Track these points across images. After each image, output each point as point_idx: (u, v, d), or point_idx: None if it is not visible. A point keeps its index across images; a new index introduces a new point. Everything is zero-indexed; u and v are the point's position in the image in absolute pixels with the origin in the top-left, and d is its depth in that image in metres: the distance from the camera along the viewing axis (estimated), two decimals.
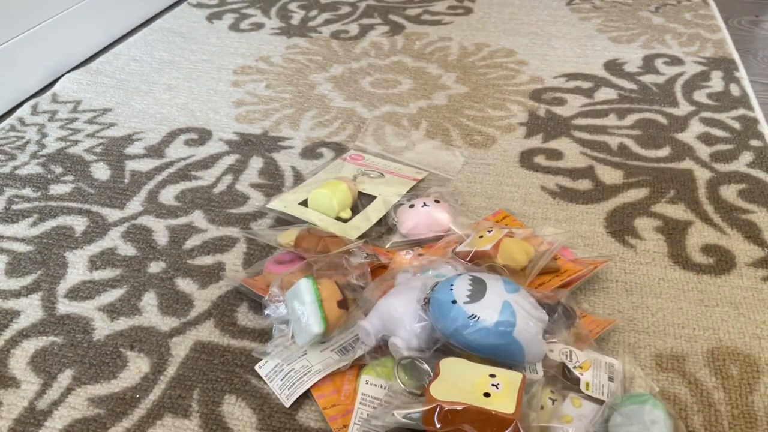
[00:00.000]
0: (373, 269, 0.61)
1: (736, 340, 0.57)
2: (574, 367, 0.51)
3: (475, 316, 0.47)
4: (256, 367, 0.54)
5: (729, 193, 0.75)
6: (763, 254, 0.66)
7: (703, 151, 0.82)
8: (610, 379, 0.51)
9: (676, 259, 0.65)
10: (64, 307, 0.62)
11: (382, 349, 0.53)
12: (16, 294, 0.63)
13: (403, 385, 0.47)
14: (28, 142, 0.88)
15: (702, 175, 0.78)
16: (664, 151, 0.83)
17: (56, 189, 0.79)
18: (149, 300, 0.62)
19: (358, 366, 0.53)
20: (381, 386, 0.50)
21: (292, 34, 1.20)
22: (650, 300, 0.61)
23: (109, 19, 1.19)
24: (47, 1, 1.05)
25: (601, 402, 0.49)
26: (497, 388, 0.45)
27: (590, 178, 0.78)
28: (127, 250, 0.69)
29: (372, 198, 0.73)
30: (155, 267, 0.66)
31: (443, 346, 0.50)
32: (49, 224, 0.73)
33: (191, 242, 0.69)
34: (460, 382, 0.45)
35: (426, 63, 1.08)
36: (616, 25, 1.19)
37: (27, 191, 0.78)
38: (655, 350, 0.56)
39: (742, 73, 1.01)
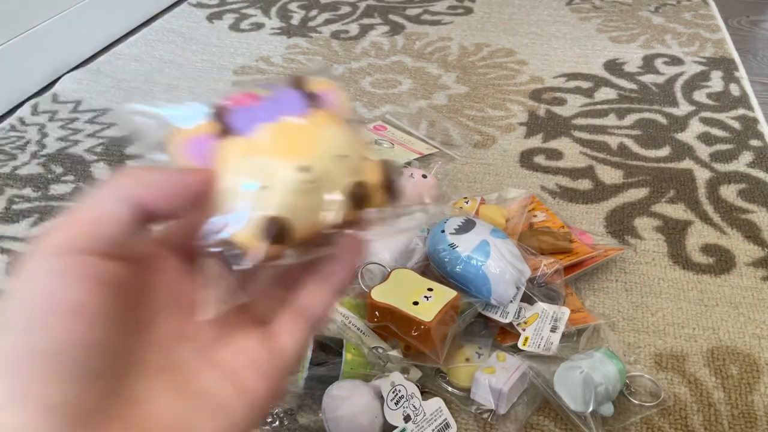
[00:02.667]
0: None
1: (736, 340, 0.57)
2: (518, 324, 0.54)
3: (454, 245, 0.55)
4: None
5: (729, 192, 0.75)
6: (762, 254, 0.66)
7: (703, 150, 0.83)
8: (553, 329, 0.54)
9: (675, 259, 0.66)
10: None
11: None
12: None
13: (361, 284, 0.55)
14: (28, 142, 0.88)
15: (702, 175, 0.78)
16: (664, 151, 0.83)
17: (57, 189, 0.79)
18: None
19: None
20: (341, 314, 0.54)
21: (292, 34, 1.20)
22: (650, 300, 0.61)
23: (110, 18, 1.19)
24: (47, 1, 1.04)
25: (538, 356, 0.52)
26: (428, 299, 0.51)
27: (590, 178, 0.78)
28: None
29: None
30: None
31: (420, 267, 0.58)
32: (50, 224, 0.73)
33: None
34: (400, 290, 0.52)
35: (426, 63, 1.08)
36: (616, 24, 1.19)
37: (27, 191, 0.78)
38: (654, 350, 0.56)
39: (741, 72, 1.01)
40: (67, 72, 1.07)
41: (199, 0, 1.34)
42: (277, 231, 0.22)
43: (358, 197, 0.23)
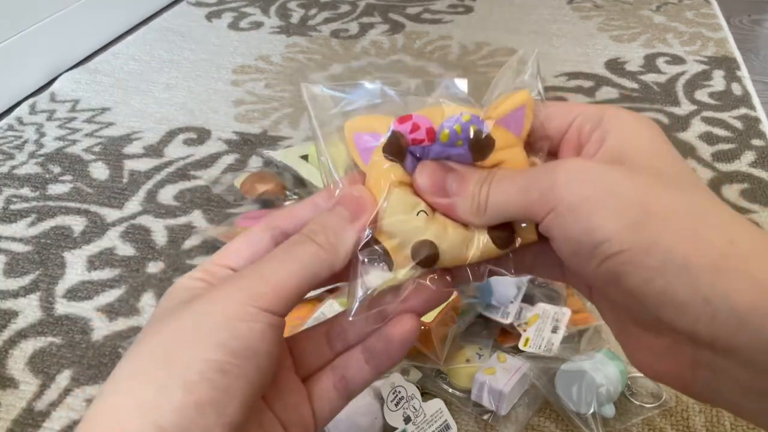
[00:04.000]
0: None
1: None
2: (518, 325, 0.53)
3: None
4: None
5: (731, 192, 0.74)
6: None
7: (705, 150, 0.82)
8: (554, 330, 0.53)
9: None
10: (62, 307, 0.61)
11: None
12: (14, 294, 0.63)
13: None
14: (26, 142, 0.88)
15: (704, 175, 0.78)
16: None
17: (54, 189, 0.78)
18: (148, 300, 0.62)
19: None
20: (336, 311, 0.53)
21: (291, 32, 1.19)
22: None
23: (108, 17, 1.18)
24: (45, 0, 1.04)
25: (539, 357, 0.51)
26: None
27: None
28: (126, 250, 0.68)
29: None
30: (154, 267, 0.66)
31: None
32: (48, 224, 0.72)
33: (190, 242, 0.69)
34: None
35: (426, 62, 1.07)
36: (617, 23, 1.18)
37: (25, 191, 0.78)
38: None
39: (743, 72, 1.01)
40: (65, 71, 1.06)
41: None
42: (427, 255, 0.25)
43: (502, 236, 0.25)
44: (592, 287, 0.26)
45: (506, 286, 0.52)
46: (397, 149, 0.26)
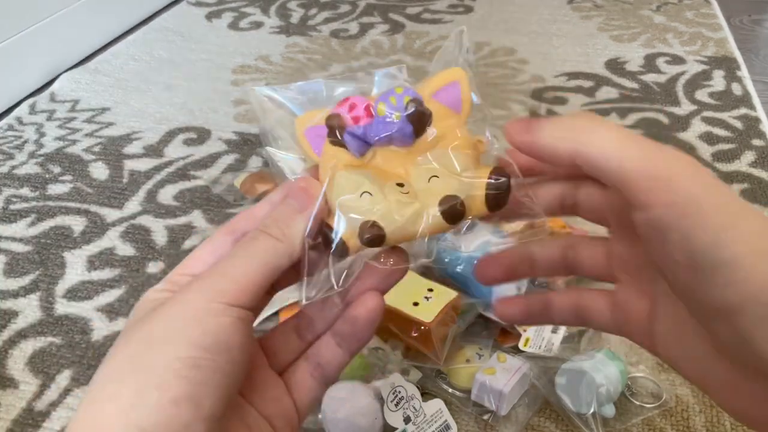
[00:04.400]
0: None
1: None
2: (518, 325, 0.53)
3: (455, 245, 0.54)
4: None
5: None
6: None
7: (705, 150, 0.82)
8: (554, 330, 0.53)
9: None
10: (62, 307, 0.61)
11: None
12: (14, 294, 0.63)
13: None
14: (26, 142, 0.88)
15: None
16: None
17: (54, 189, 0.78)
18: None
19: None
20: None
21: (291, 32, 1.19)
22: None
23: (108, 17, 1.18)
24: (45, 0, 1.04)
25: (538, 357, 0.51)
26: (428, 300, 0.51)
27: None
28: (126, 250, 0.68)
29: None
30: (154, 267, 0.66)
31: (420, 268, 0.56)
32: (48, 224, 0.72)
33: (190, 242, 0.69)
34: (400, 290, 0.54)
35: (426, 62, 1.07)
36: (618, 23, 1.18)
37: (25, 191, 0.78)
38: None
39: (743, 72, 1.01)
40: (65, 71, 1.06)
41: None
42: (373, 235, 0.25)
43: (452, 211, 0.26)
44: (654, 339, 0.25)
45: (506, 285, 0.52)
46: (336, 129, 0.26)
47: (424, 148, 0.27)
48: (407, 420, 0.47)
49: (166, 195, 0.77)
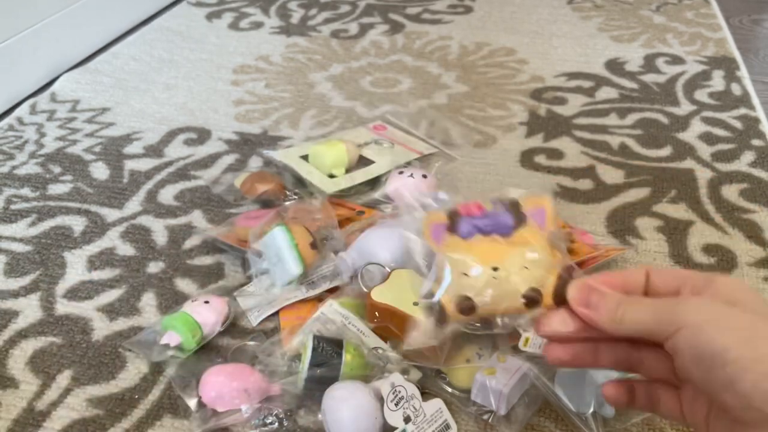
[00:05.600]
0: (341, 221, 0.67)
1: None
2: (518, 325, 0.53)
3: None
4: (235, 294, 0.61)
5: (730, 192, 0.75)
6: (764, 254, 0.66)
7: (705, 150, 0.82)
8: None
9: (677, 259, 0.65)
10: (62, 307, 0.61)
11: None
12: (15, 294, 0.63)
13: (361, 285, 0.55)
14: (26, 142, 0.88)
15: (703, 175, 0.78)
16: (666, 151, 0.82)
17: (55, 189, 0.78)
18: (148, 300, 0.62)
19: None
20: (341, 314, 0.55)
21: (291, 33, 1.19)
22: None
23: (108, 18, 1.18)
24: (46, 0, 1.04)
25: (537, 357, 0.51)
26: None
27: (591, 178, 0.78)
28: (126, 250, 0.68)
29: (371, 164, 0.78)
30: (154, 267, 0.66)
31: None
32: (48, 224, 0.72)
33: (190, 242, 0.69)
34: (400, 290, 0.53)
35: (426, 62, 1.07)
36: (617, 24, 1.19)
37: (25, 191, 0.78)
38: None
39: (743, 72, 1.01)
40: (66, 71, 1.07)
41: None
42: (465, 306, 0.36)
43: (532, 300, 0.36)
44: (710, 409, 0.33)
45: None
46: (453, 218, 0.38)
47: (518, 241, 0.36)
48: (407, 420, 0.47)
49: (167, 195, 0.77)
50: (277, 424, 0.49)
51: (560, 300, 0.35)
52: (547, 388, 0.49)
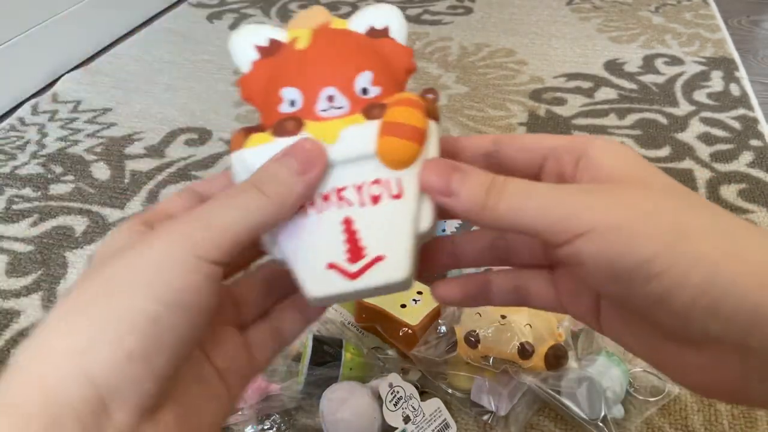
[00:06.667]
0: None
1: None
2: None
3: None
4: None
5: (729, 192, 0.75)
6: None
7: (703, 150, 0.82)
8: None
9: None
10: None
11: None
12: (17, 294, 0.63)
13: None
14: (28, 142, 0.88)
15: (702, 175, 0.78)
16: (664, 151, 0.83)
17: (56, 189, 0.79)
18: None
19: None
20: (341, 314, 0.56)
21: None
22: None
23: (109, 19, 1.19)
24: (47, 1, 1.05)
25: None
26: (416, 303, 0.53)
27: None
28: None
29: None
30: None
31: None
32: (50, 224, 0.73)
33: None
34: None
35: (426, 63, 1.08)
36: (616, 24, 1.19)
37: (27, 191, 0.78)
38: None
39: (742, 72, 1.01)
40: (67, 72, 1.07)
41: (199, 0, 1.34)
42: (472, 338, 0.48)
43: (526, 354, 0.46)
44: (601, 317, 0.26)
45: None
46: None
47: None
48: (406, 419, 0.48)
49: (168, 195, 0.77)
50: (275, 429, 0.49)
51: (549, 364, 0.46)
52: (548, 394, 0.49)
